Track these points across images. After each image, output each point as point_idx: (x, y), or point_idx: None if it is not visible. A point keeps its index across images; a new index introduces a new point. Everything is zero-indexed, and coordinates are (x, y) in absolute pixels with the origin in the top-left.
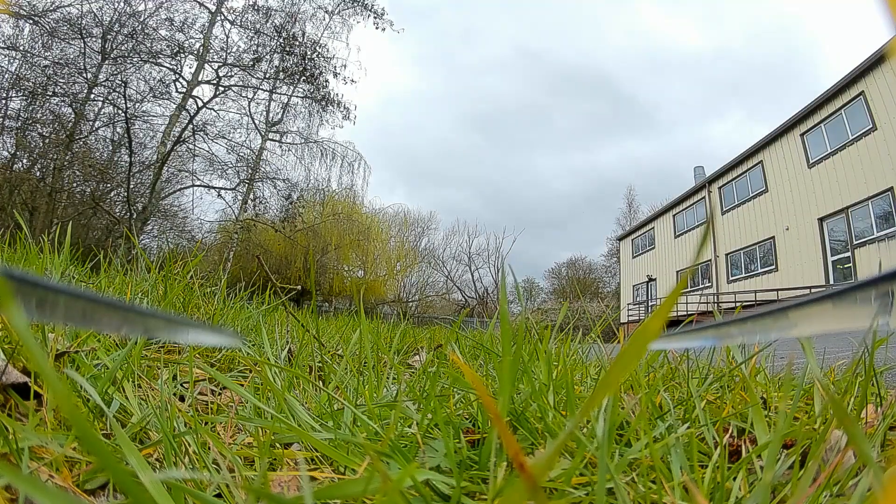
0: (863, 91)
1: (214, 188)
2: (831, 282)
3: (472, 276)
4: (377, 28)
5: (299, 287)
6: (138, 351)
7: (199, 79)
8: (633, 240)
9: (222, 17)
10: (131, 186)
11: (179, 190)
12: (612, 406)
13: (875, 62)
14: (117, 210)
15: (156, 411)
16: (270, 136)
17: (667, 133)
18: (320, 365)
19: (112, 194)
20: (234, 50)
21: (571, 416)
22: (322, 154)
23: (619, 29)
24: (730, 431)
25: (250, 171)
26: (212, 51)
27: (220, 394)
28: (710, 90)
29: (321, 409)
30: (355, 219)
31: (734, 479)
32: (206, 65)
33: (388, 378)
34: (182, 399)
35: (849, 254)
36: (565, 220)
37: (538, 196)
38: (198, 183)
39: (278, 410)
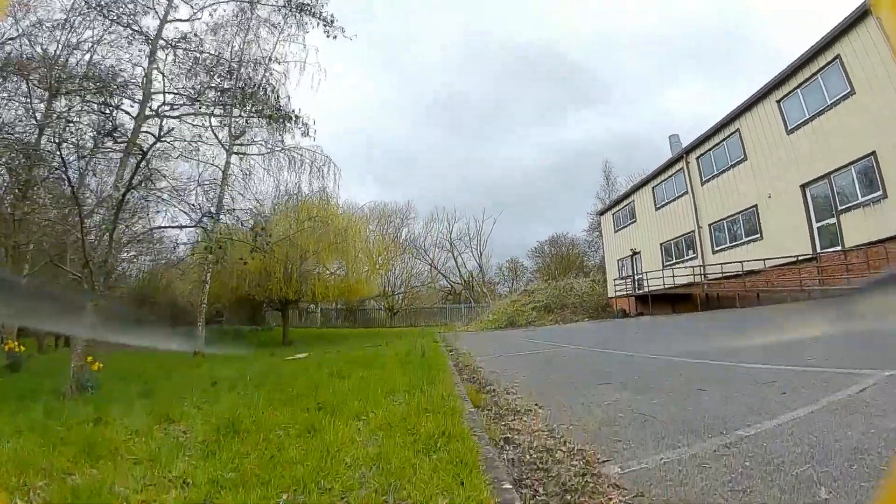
0: (839, 54)
1: (174, 227)
2: (818, 248)
3: (456, 261)
4: (328, 36)
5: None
6: None
7: (146, 113)
8: (613, 214)
9: (163, 46)
10: (89, 240)
11: (141, 236)
12: None
13: (851, 24)
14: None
15: None
16: (235, 149)
17: (628, 104)
18: None
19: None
20: (179, 80)
21: None
22: (290, 162)
23: (566, 7)
24: None
25: (212, 205)
26: (156, 82)
27: None
28: (666, 58)
29: None
30: (331, 221)
31: None
32: (151, 98)
33: None
34: None
35: (834, 220)
36: (541, 197)
37: (510, 176)
38: (156, 226)
39: None
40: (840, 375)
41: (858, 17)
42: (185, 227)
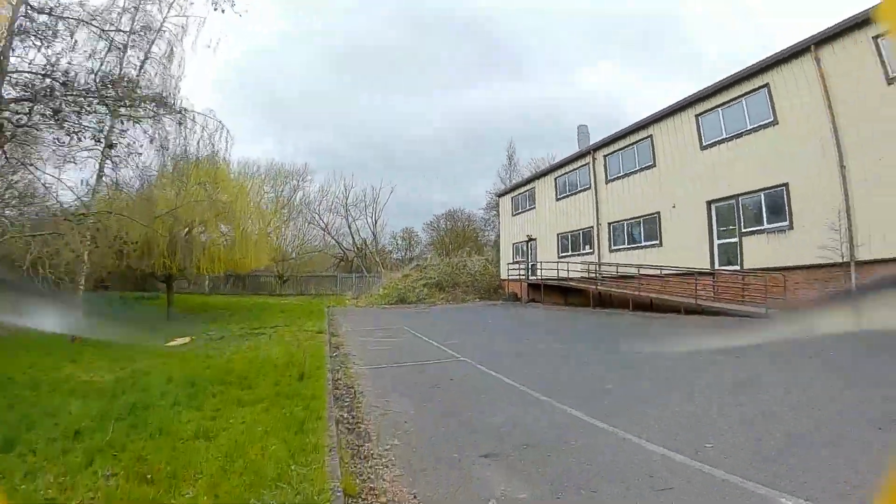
0: (768, 83)
1: (39, 235)
2: (716, 265)
3: (350, 228)
4: (215, 9)
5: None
6: None
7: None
8: (512, 197)
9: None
10: None
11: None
12: None
13: (787, 57)
14: None
15: None
16: (122, 109)
17: (539, 79)
18: None
19: None
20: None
21: None
22: (180, 126)
23: None
24: None
25: (93, 173)
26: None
27: None
28: (585, 38)
29: None
30: (222, 188)
31: None
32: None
33: None
34: None
35: (736, 239)
36: (440, 164)
37: (412, 139)
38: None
39: None
40: (738, 493)
41: (797, 53)
42: (41, 235)
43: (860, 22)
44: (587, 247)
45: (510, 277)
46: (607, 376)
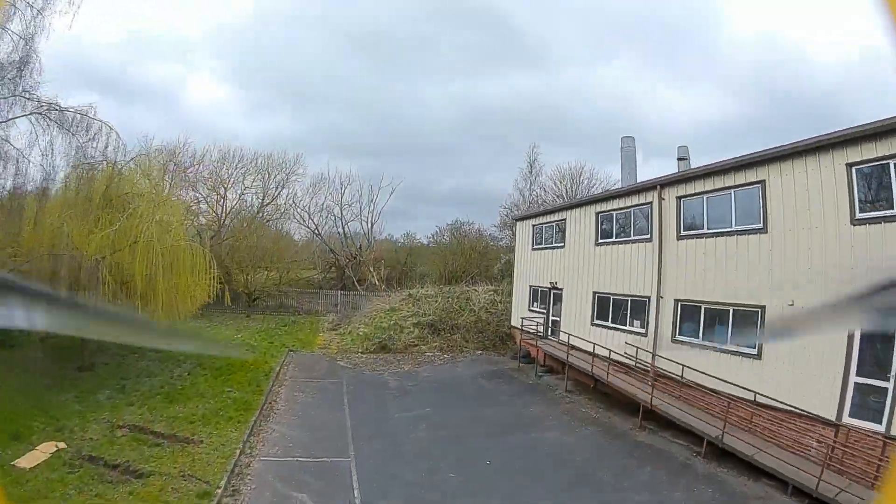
0: None
1: None
2: (845, 415)
3: (343, 230)
4: None
5: None
6: None
7: None
8: (534, 225)
9: None
10: None
11: None
12: None
13: None
14: None
15: None
16: None
17: (554, 71)
18: None
19: None
20: None
21: None
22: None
23: None
24: None
25: None
26: None
27: None
28: (602, 34)
29: None
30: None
31: None
32: None
33: None
34: None
35: (889, 384)
36: (452, 150)
37: (423, 123)
38: None
39: None
40: None
41: None
42: None
43: None
44: (637, 322)
45: (524, 329)
46: None
